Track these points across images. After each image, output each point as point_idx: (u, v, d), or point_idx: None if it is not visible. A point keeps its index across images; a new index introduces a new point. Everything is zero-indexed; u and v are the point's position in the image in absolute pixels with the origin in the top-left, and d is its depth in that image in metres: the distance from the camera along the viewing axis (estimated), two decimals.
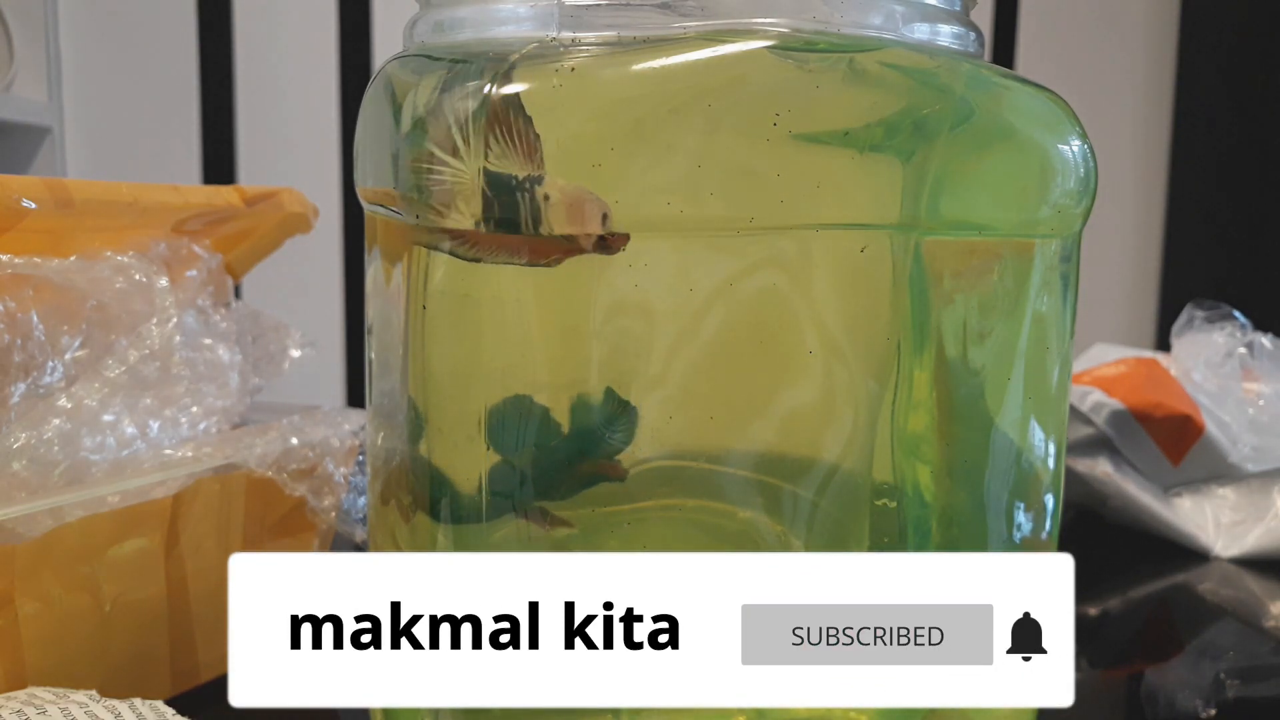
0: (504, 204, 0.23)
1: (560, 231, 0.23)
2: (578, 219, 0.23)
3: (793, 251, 0.26)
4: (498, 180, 0.23)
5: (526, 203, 0.23)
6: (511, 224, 0.23)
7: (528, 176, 0.23)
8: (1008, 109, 0.27)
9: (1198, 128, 1.29)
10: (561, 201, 0.23)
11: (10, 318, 0.32)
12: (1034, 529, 0.29)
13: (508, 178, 0.23)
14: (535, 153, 0.23)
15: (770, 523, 0.27)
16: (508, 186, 0.23)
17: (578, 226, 0.23)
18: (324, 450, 0.38)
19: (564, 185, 0.23)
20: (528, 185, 0.23)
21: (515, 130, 0.23)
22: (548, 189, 0.23)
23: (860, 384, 0.27)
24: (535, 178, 0.23)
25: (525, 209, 0.23)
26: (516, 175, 0.23)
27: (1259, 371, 0.61)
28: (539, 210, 0.23)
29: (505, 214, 0.23)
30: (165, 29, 1.43)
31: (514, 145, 0.23)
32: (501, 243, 0.24)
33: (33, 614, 0.30)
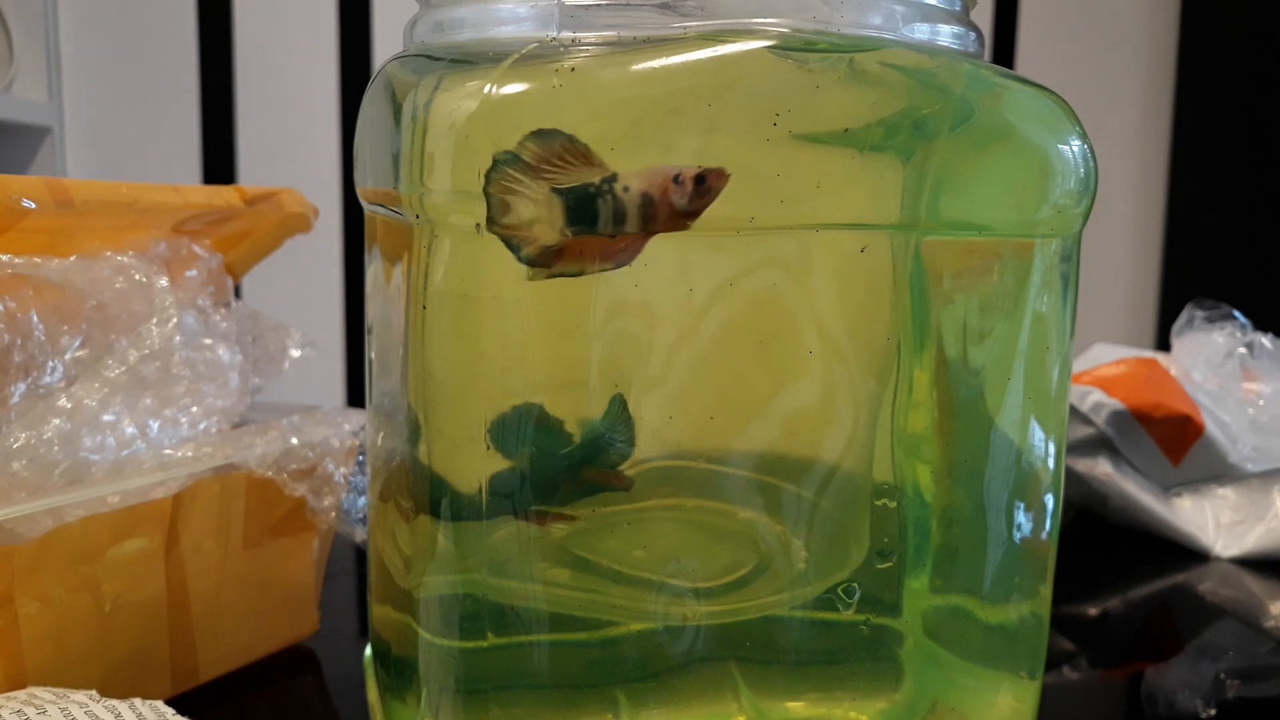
0: (585, 212, 0.23)
1: (651, 215, 0.23)
2: (663, 191, 0.23)
3: (793, 251, 0.26)
4: (574, 193, 0.23)
5: (609, 203, 0.23)
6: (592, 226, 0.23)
7: (603, 179, 0.23)
8: (1008, 109, 0.27)
9: (1198, 128, 1.29)
10: (638, 187, 0.23)
11: (10, 318, 0.32)
12: (1034, 529, 0.29)
13: (583, 188, 0.23)
14: (593, 157, 0.23)
15: (770, 523, 0.27)
16: (586, 195, 0.23)
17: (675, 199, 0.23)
18: (324, 450, 0.38)
19: (638, 171, 0.23)
20: (605, 186, 0.23)
21: (560, 154, 0.23)
22: (626, 181, 0.23)
23: (860, 384, 0.27)
24: (610, 177, 0.23)
25: (608, 208, 0.23)
26: (592, 182, 0.23)
27: (1259, 371, 0.61)
28: (622, 204, 0.23)
29: (587, 220, 0.23)
30: (165, 29, 1.43)
31: (570, 164, 0.23)
32: (588, 247, 0.24)
33: (33, 614, 0.30)
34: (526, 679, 0.26)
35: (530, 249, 0.24)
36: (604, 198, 0.23)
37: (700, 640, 0.27)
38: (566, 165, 0.23)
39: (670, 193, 0.23)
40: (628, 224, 0.24)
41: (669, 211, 0.23)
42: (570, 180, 0.23)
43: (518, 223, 0.23)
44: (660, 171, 0.23)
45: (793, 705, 0.28)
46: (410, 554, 0.28)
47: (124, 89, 1.45)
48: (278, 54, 1.42)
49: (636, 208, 0.23)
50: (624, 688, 0.27)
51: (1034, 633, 0.30)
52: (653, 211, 0.23)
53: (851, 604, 0.28)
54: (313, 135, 1.41)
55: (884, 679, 0.29)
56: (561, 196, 0.23)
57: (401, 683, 0.29)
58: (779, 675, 0.28)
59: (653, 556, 0.27)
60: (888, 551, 0.28)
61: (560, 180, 0.23)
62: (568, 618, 0.27)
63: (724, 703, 0.27)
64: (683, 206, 0.24)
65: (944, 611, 0.29)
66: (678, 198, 0.23)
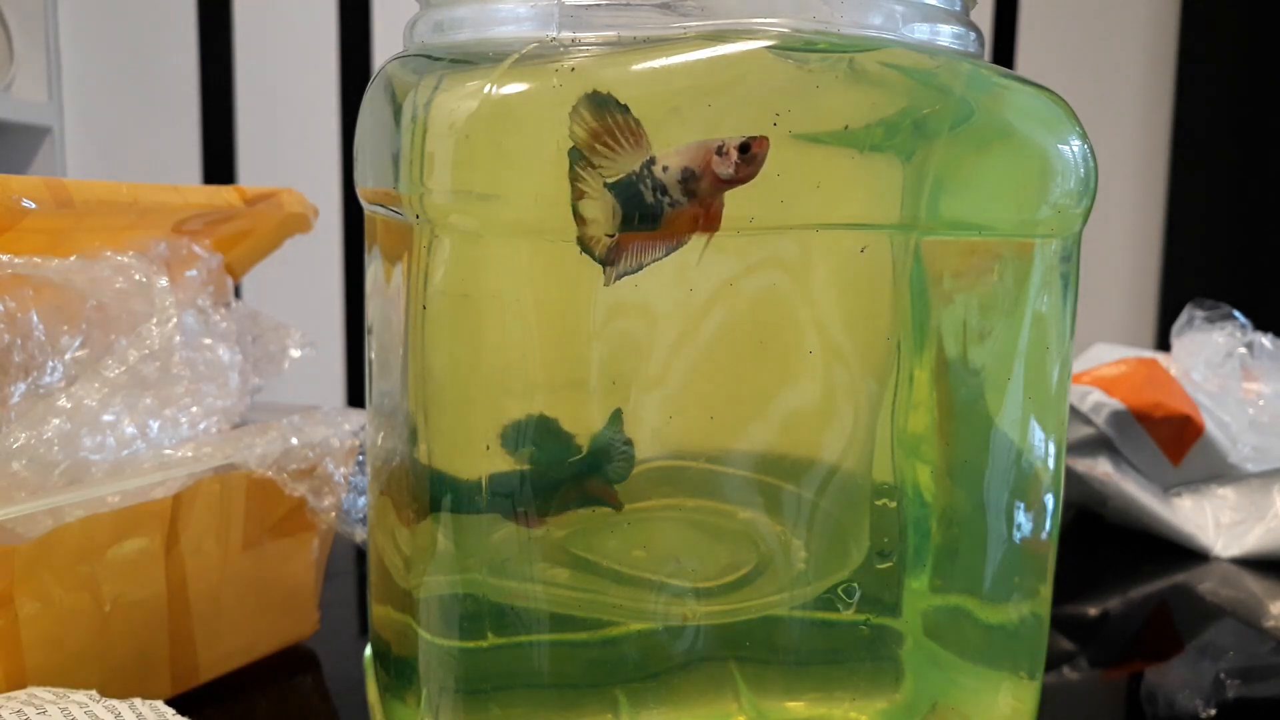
0: (631, 200, 0.23)
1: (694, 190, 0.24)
2: (705, 164, 0.23)
3: (793, 251, 0.26)
4: (620, 185, 0.23)
5: (649, 185, 0.23)
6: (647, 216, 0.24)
7: (642, 164, 0.23)
8: (1008, 109, 0.27)
9: (1198, 128, 1.29)
10: (679, 163, 0.23)
11: (10, 318, 0.32)
12: (1034, 529, 0.29)
13: (627, 178, 0.23)
14: (642, 137, 0.23)
15: (770, 523, 0.27)
16: (629, 183, 0.23)
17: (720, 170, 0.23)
18: (324, 450, 0.38)
19: (676, 149, 0.23)
20: (644, 171, 0.23)
21: (616, 129, 0.23)
22: (664, 161, 0.23)
23: (860, 384, 0.27)
24: (647, 161, 0.23)
25: (649, 190, 0.23)
26: (634, 170, 0.23)
27: (1259, 371, 0.61)
28: (661, 183, 0.23)
29: (635, 207, 0.23)
30: (165, 29, 1.43)
31: (619, 145, 0.23)
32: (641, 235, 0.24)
33: (33, 614, 0.30)
34: (526, 679, 0.26)
35: (599, 248, 0.24)
36: (644, 182, 0.23)
37: (700, 640, 0.27)
38: (615, 147, 0.23)
39: (714, 164, 0.23)
40: (672, 201, 0.24)
41: (714, 183, 0.24)
42: (617, 169, 0.23)
43: (585, 219, 0.24)
44: (700, 145, 0.23)
45: (793, 705, 0.28)
46: (410, 554, 0.28)
47: (124, 89, 1.45)
48: (278, 54, 1.42)
49: (677, 183, 0.23)
50: (624, 688, 0.27)
51: (1034, 633, 0.30)
52: (695, 185, 0.24)
53: (851, 604, 0.28)
54: (313, 135, 1.41)
55: (884, 679, 0.29)
56: (611, 190, 0.23)
57: (401, 683, 0.29)
58: (779, 675, 0.28)
59: (653, 556, 0.27)
60: (888, 551, 0.28)
61: (609, 171, 0.23)
62: (567, 618, 0.27)
63: (724, 703, 0.27)
64: (729, 175, 0.24)
65: (944, 611, 0.29)
66: (723, 168, 0.24)
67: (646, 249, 0.24)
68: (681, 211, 0.24)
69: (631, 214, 0.23)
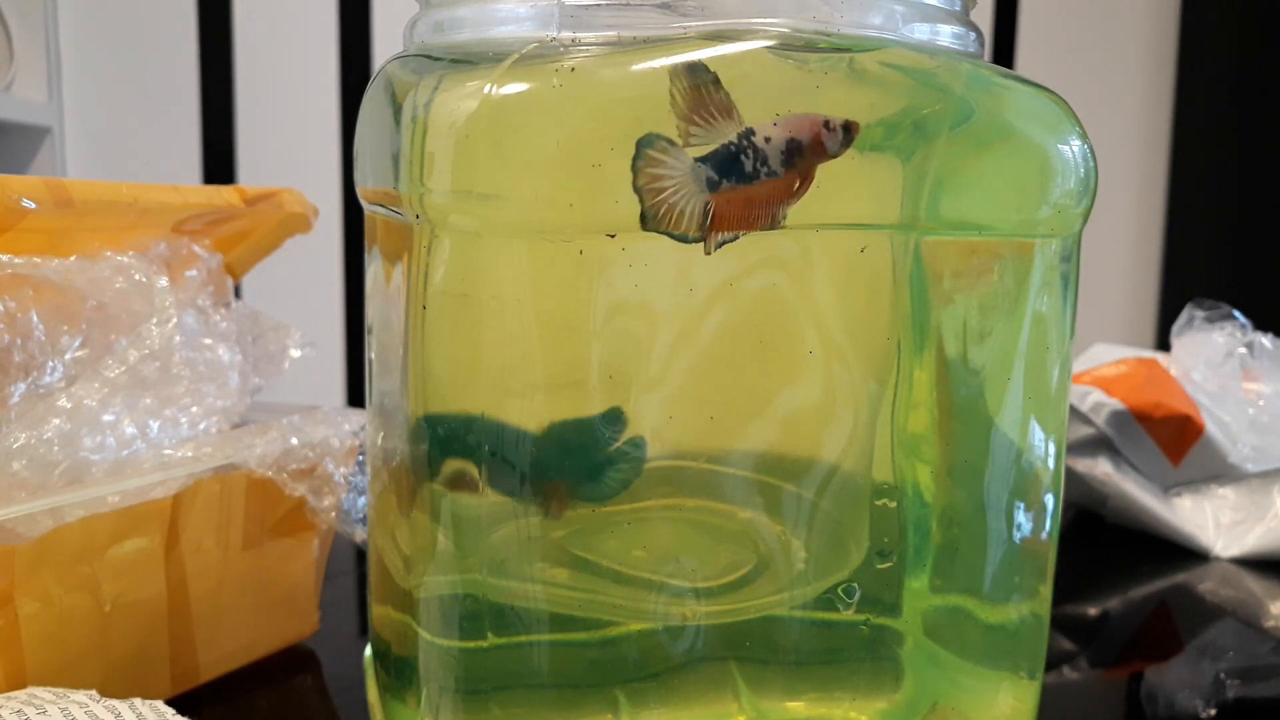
0: (729, 170, 0.24)
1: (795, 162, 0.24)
2: (814, 137, 0.24)
3: (793, 251, 0.26)
4: (715, 156, 0.23)
5: (751, 156, 0.24)
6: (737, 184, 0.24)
7: (740, 135, 0.23)
8: (1008, 109, 0.27)
9: (1197, 127, 1.29)
10: (783, 134, 0.24)
11: (10, 318, 0.32)
12: (1034, 529, 0.29)
13: (724, 148, 0.23)
14: (734, 110, 0.23)
15: (770, 523, 0.27)
16: (727, 154, 0.23)
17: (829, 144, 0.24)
18: (324, 450, 0.38)
19: (773, 121, 0.24)
20: (744, 142, 0.23)
21: (711, 103, 0.23)
22: (764, 132, 0.24)
23: (860, 384, 0.27)
24: (745, 132, 0.24)
25: (750, 161, 0.24)
26: (731, 140, 0.23)
27: (1259, 371, 0.61)
28: (764, 154, 0.24)
29: (732, 177, 0.24)
30: (165, 29, 1.43)
31: (714, 118, 0.23)
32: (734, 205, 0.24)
33: (33, 614, 0.30)
34: (526, 679, 0.26)
35: (685, 225, 0.24)
36: (745, 153, 0.24)
37: (700, 640, 0.27)
38: (711, 119, 0.23)
39: (823, 137, 0.24)
40: (770, 172, 0.24)
41: (817, 155, 0.24)
42: (710, 143, 0.23)
43: (668, 201, 0.24)
44: (805, 118, 0.24)
45: (793, 705, 0.28)
46: (410, 554, 0.28)
47: (124, 89, 1.45)
48: (278, 54, 1.42)
49: (780, 154, 0.24)
50: (624, 688, 0.27)
51: (1034, 633, 0.30)
52: (799, 158, 0.24)
53: (851, 604, 0.28)
54: (313, 135, 1.41)
55: (884, 679, 0.29)
56: (704, 162, 0.24)
57: (401, 683, 0.29)
58: (779, 675, 0.28)
59: (653, 556, 0.27)
60: (888, 551, 0.28)
61: (700, 143, 0.23)
62: (568, 618, 0.27)
63: (724, 703, 0.27)
64: (834, 150, 0.24)
65: (944, 611, 0.29)
66: (830, 143, 0.24)
67: (742, 219, 0.24)
68: (778, 181, 0.24)
69: (728, 178, 0.24)
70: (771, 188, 0.24)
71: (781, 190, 0.24)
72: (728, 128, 0.23)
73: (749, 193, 0.24)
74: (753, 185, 0.24)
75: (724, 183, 0.24)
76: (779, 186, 0.24)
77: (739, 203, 0.24)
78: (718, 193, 0.24)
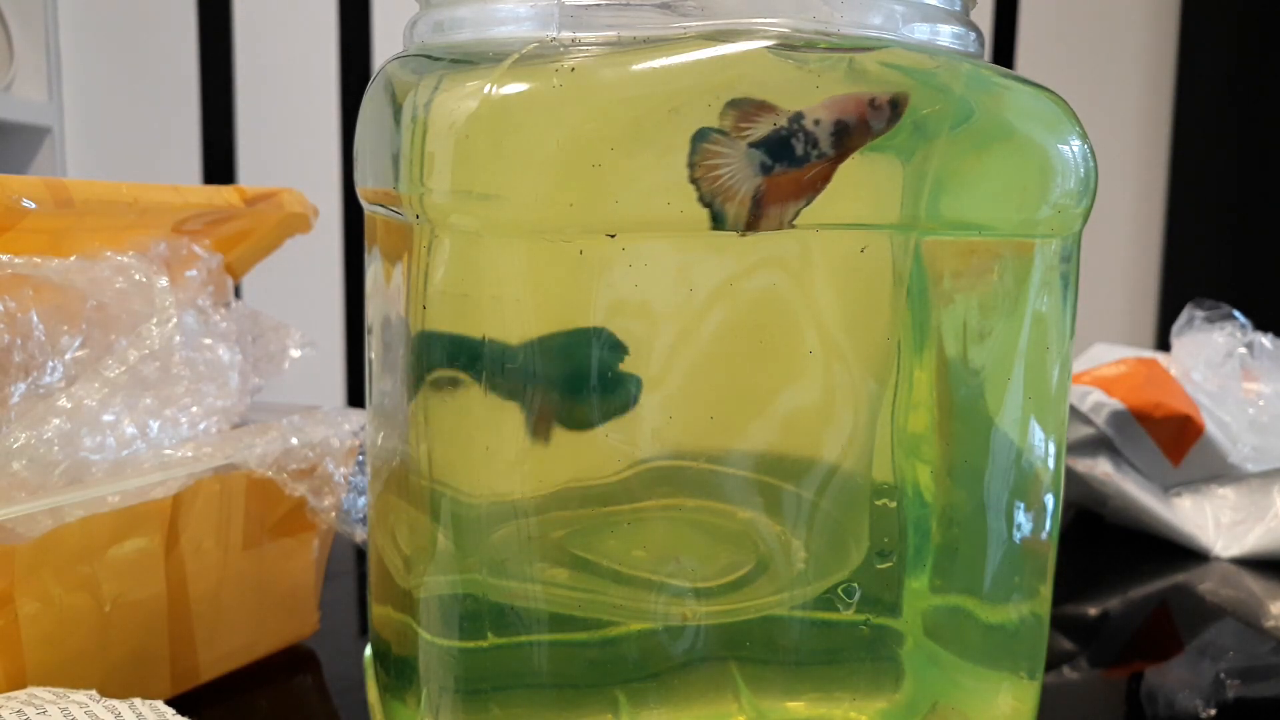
0: (780, 153, 0.24)
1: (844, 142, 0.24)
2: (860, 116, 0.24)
3: (793, 251, 0.26)
4: (767, 140, 0.24)
5: (802, 138, 0.24)
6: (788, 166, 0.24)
7: (790, 119, 0.24)
8: (1008, 109, 0.27)
9: (1198, 128, 1.29)
10: (830, 115, 0.24)
11: (10, 318, 0.32)
12: (1034, 529, 0.29)
13: (775, 133, 0.24)
14: (776, 107, 0.24)
15: (770, 523, 0.27)
16: (779, 138, 0.24)
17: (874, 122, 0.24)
18: (324, 450, 0.38)
19: (821, 103, 0.24)
20: (795, 126, 0.24)
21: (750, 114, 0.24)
22: (814, 114, 0.24)
23: (860, 384, 0.27)
24: (795, 116, 0.24)
25: (801, 143, 0.24)
26: (782, 125, 0.24)
27: (1259, 371, 0.61)
28: (814, 136, 0.24)
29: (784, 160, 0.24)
30: (165, 29, 1.44)
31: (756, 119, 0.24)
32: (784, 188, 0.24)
33: (33, 614, 0.30)
34: (526, 679, 0.26)
35: (738, 210, 0.24)
36: (796, 136, 0.24)
37: (700, 640, 0.27)
38: (755, 120, 0.24)
39: (868, 116, 0.24)
40: (821, 153, 0.24)
41: (864, 134, 0.24)
42: (760, 131, 0.24)
43: (724, 187, 0.24)
44: (850, 98, 0.24)
45: (793, 705, 0.28)
46: (410, 554, 0.28)
47: (124, 89, 1.45)
48: (278, 54, 1.42)
49: (829, 135, 0.24)
50: (624, 688, 0.27)
51: (1034, 633, 0.30)
52: (847, 137, 0.24)
53: (851, 604, 0.28)
54: (313, 135, 1.41)
55: (884, 679, 0.29)
56: (757, 147, 0.24)
57: (401, 683, 0.29)
58: (779, 675, 0.28)
59: (653, 556, 0.27)
60: (888, 551, 0.28)
61: (752, 134, 0.24)
62: (568, 618, 0.27)
63: (724, 703, 0.27)
64: (880, 128, 0.25)
65: (944, 611, 0.29)
66: (875, 120, 0.24)
67: (790, 201, 0.25)
68: (826, 162, 0.24)
69: (779, 169, 0.24)
70: (820, 169, 0.24)
71: (826, 171, 0.25)
72: (772, 119, 0.24)
73: (799, 175, 0.24)
74: (803, 168, 0.24)
75: (776, 166, 0.24)
76: (827, 167, 0.24)
77: (790, 185, 0.24)
78: (770, 176, 0.24)
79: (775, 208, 0.24)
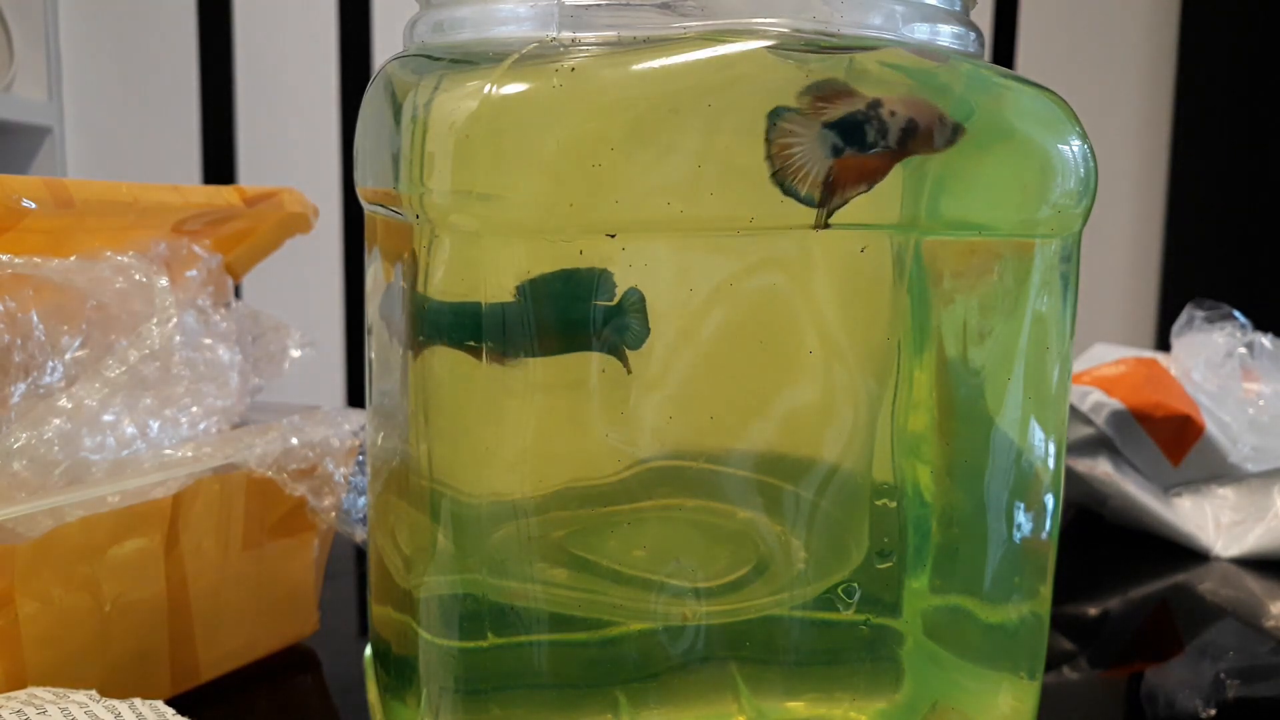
0: (852, 136, 0.24)
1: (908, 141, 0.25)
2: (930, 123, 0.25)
3: (793, 251, 0.26)
4: (842, 122, 0.24)
5: (875, 125, 0.24)
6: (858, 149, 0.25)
7: (869, 104, 0.24)
8: (1008, 109, 0.27)
9: (1198, 127, 1.29)
10: (905, 113, 0.25)
11: (10, 318, 0.32)
12: (1034, 529, 0.29)
13: (850, 116, 0.24)
14: (855, 91, 0.24)
15: (770, 523, 0.27)
16: (854, 121, 0.24)
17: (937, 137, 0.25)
18: (324, 450, 0.38)
19: (900, 98, 0.25)
20: (871, 112, 0.24)
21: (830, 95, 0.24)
22: (890, 106, 0.24)
23: (860, 384, 0.27)
24: (874, 102, 0.24)
25: (874, 130, 0.25)
26: (860, 109, 0.24)
27: (1259, 371, 0.61)
28: (886, 126, 0.24)
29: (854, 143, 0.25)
30: (165, 29, 1.43)
31: (835, 101, 0.24)
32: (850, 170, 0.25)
33: (33, 614, 0.30)
34: (526, 679, 0.26)
35: (808, 187, 0.24)
36: (871, 122, 0.24)
37: (700, 640, 0.27)
38: (833, 103, 0.24)
39: (935, 128, 0.25)
40: (887, 144, 0.25)
41: (926, 142, 0.25)
42: (836, 113, 0.24)
43: (795, 164, 0.24)
44: (927, 103, 0.25)
45: (793, 705, 0.28)
46: (410, 554, 0.28)
47: (124, 89, 1.45)
48: (278, 54, 1.42)
49: (899, 130, 0.25)
50: (624, 688, 0.27)
51: (1034, 633, 0.30)
52: (910, 137, 0.25)
53: (851, 604, 0.28)
54: (313, 135, 1.41)
55: (884, 679, 0.29)
56: (830, 128, 0.24)
57: (401, 683, 0.29)
58: (779, 675, 0.28)
59: (653, 556, 0.27)
60: (888, 551, 0.28)
61: (829, 115, 0.24)
62: (568, 618, 0.27)
63: (724, 703, 0.27)
64: (939, 145, 0.25)
65: (944, 611, 0.29)
66: (939, 135, 0.25)
67: (852, 185, 0.25)
68: (887, 154, 0.25)
69: (849, 150, 0.24)
70: (882, 160, 0.25)
71: (885, 163, 0.25)
72: (850, 103, 0.24)
73: (864, 161, 0.25)
74: (868, 155, 0.25)
75: (846, 149, 0.24)
76: (889, 160, 0.25)
77: (855, 169, 0.25)
78: (840, 159, 0.24)
79: (840, 190, 0.25)
